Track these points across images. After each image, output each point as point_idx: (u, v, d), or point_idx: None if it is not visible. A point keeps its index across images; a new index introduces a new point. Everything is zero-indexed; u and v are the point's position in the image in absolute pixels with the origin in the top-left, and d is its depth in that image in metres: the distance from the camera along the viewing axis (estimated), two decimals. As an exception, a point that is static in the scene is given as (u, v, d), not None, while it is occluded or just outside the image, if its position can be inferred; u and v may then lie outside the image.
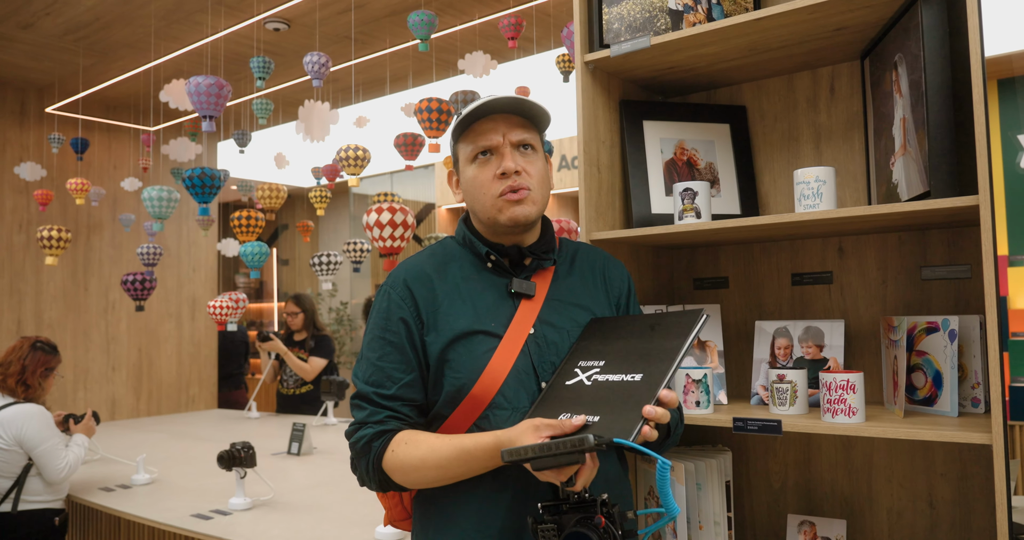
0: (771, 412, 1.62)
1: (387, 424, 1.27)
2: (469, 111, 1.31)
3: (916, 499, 1.71)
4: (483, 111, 1.31)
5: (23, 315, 5.52)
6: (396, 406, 1.28)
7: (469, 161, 1.34)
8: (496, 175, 1.30)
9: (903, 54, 1.51)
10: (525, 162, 1.32)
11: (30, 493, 2.88)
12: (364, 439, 1.27)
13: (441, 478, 1.22)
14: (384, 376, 1.29)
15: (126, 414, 6.01)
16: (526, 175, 1.31)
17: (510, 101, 1.30)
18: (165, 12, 4.26)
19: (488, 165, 1.32)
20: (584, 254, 1.47)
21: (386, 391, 1.28)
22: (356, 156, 4.06)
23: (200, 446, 4.05)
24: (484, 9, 4.30)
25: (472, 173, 1.33)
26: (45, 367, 3.02)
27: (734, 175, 1.95)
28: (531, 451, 1.03)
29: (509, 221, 1.31)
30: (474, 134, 1.32)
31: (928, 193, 1.40)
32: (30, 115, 5.66)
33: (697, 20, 1.80)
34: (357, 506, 2.69)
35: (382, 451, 1.25)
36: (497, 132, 1.31)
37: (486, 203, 1.32)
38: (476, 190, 1.33)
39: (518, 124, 1.32)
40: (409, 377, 1.29)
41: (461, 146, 1.36)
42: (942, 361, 1.55)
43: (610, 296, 1.44)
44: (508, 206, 1.30)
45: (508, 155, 1.30)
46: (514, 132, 1.31)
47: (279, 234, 10.65)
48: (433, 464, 1.20)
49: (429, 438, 1.23)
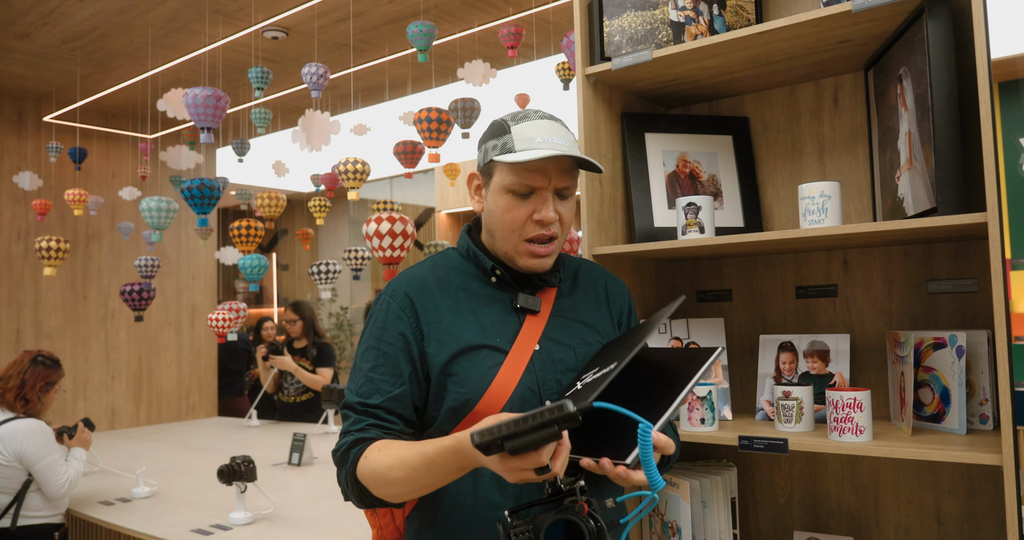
0: (777, 429, 1.60)
1: (368, 432, 1.23)
2: (527, 149, 1.23)
3: (923, 515, 1.69)
4: (543, 157, 1.22)
5: (22, 325, 5.50)
6: (381, 414, 1.24)
7: (505, 190, 1.27)
8: (532, 218, 1.26)
9: (908, 67, 1.50)
10: (562, 208, 1.28)
11: (30, 508, 2.86)
12: (344, 447, 1.24)
13: (411, 488, 1.16)
14: (373, 388, 1.26)
15: (126, 423, 5.99)
16: (559, 223, 1.28)
17: (573, 159, 1.25)
18: (163, 21, 4.24)
19: (525, 204, 1.26)
20: (586, 271, 1.46)
21: (372, 401, 1.25)
22: (356, 169, 4.04)
23: (200, 457, 4.03)
24: (483, 17, 4.29)
25: (505, 204, 1.27)
26: (45, 382, 3.00)
27: (737, 187, 1.93)
28: (504, 428, 0.92)
29: (526, 269, 1.30)
30: (520, 167, 1.25)
31: (935, 209, 1.38)
32: (28, 124, 5.65)
33: (699, 32, 1.79)
34: (359, 520, 2.67)
35: (357, 458, 1.20)
36: (545, 175, 1.25)
37: (509, 240, 1.29)
38: (505, 224, 1.28)
39: (567, 169, 1.27)
40: (398, 390, 1.26)
41: (501, 168, 1.27)
42: (950, 377, 1.53)
43: (612, 313, 1.43)
44: (531, 257, 1.28)
45: (549, 202, 1.26)
46: (561, 178, 1.26)
47: (278, 239, 10.64)
48: (400, 472, 1.14)
49: (400, 446, 1.17)
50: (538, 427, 0.90)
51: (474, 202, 1.37)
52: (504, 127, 1.27)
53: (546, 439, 0.92)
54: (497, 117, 1.34)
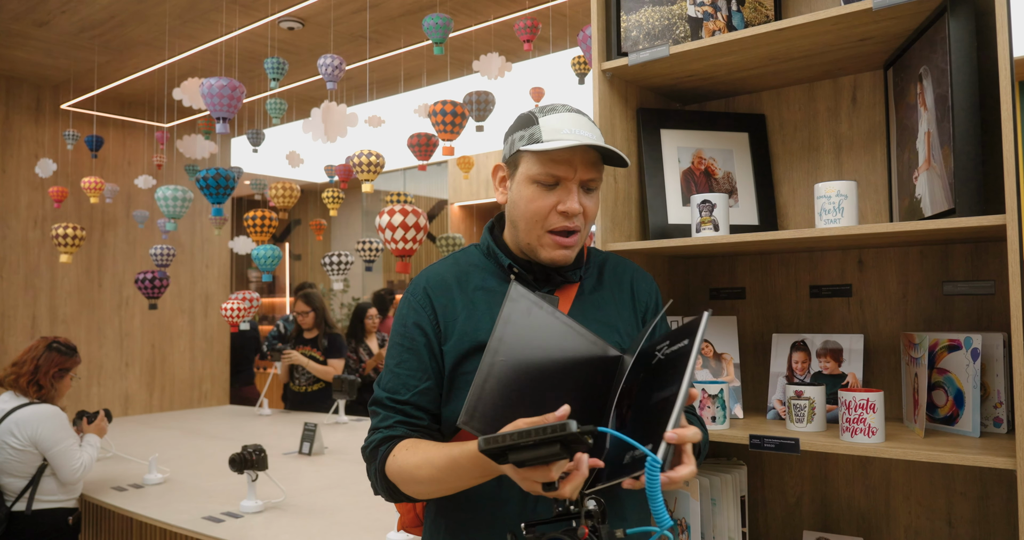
0: (788, 429, 1.60)
1: (396, 430, 1.25)
2: (554, 139, 1.23)
3: (935, 518, 1.69)
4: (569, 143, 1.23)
5: (38, 311, 5.55)
6: (408, 410, 1.26)
7: (530, 180, 1.27)
8: (555, 210, 1.26)
9: (928, 67, 1.48)
10: (586, 201, 1.28)
11: (44, 493, 2.89)
12: (373, 444, 1.26)
13: (437, 488, 1.19)
14: (400, 383, 1.28)
15: (139, 410, 6.04)
16: (583, 217, 1.28)
17: (598, 148, 1.25)
18: (180, 11, 4.26)
19: (550, 195, 1.26)
20: (612, 266, 1.43)
21: (400, 397, 1.27)
22: (371, 161, 4.04)
23: (212, 444, 4.07)
24: (500, 9, 4.28)
25: (530, 194, 1.27)
26: (59, 368, 3.03)
27: (752, 185, 1.92)
28: (509, 438, 0.91)
29: (549, 261, 1.29)
30: (547, 157, 1.25)
31: (953, 210, 1.37)
32: (45, 112, 5.68)
33: (717, 28, 1.78)
34: (369, 510, 2.68)
35: (386, 456, 1.23)
36: (571, 166, 1.25)
37: (533, 231, 1.28)
38: (529, 214, 1.28)
39: (593, 162, 1.27)
40: (425, 384, 1.27)
41: (527, 157, 1.28)
42: (964, 380, 1.52)
43: (636, 310, 1.40)
44: (554, 248, 1.28)
45: (574, 193, 1.26)
46: (587, 170, 1.26)
47: (291, 229, 10.67)
48: (427, 472, 1.17)
49: (428, 446, 1.20)
50: (540, 443, 0.89)
51: (498, 194, 1.37)
52: (532, 118, 1.28)
53: (551, 457, 0.90)
54: (524, 110, 1.34)
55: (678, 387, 1.04)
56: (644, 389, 1.13)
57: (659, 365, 1.14)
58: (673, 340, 1.14)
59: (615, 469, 1.06)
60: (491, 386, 1.08)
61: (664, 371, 1.10)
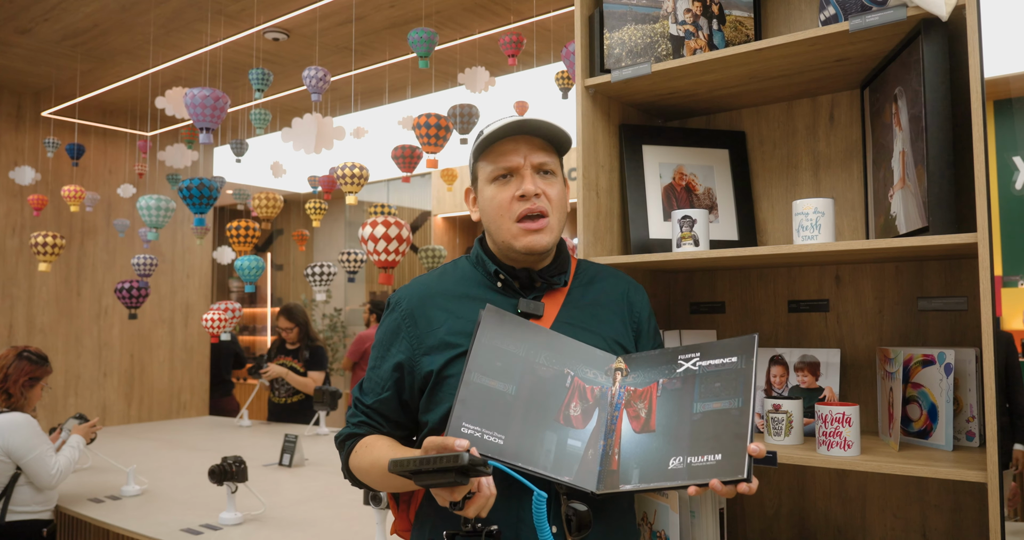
0: (766, 442, 1.62)
1: (360, 428, 1.36)
2: (492, 131, 1.31)
3: (909, 530, 1.71)
4: (506, 131, 1.31)
5: (15, 320, 5.49)
6: (371, 414, 1.36)
7: (488, 181, 1.34)
8: (515, 197, 1.31)
9: (903, 88, 1.52)
10: (545, 185, 1.32)
11: (18, 503, 2.85)
12: (341, 437, 1.39)
13: (387, 487, 1.31)
14: (369, 387, 1.37)
15: (117, 420, 5.97)
16: (545, 199, 1.31)
17: (535, 124, 1.31)
18: (164, 20, 4.25)
19: (507, 186, 1.32)
20: (605, 279, 1.46)
21: (365, 401, 1.36)
22: (355, 174, 4.05)
23: (191, 456, 4.03)
24: (485, 23, 4.31)
25: (491, 193, 1.33)
26: (29, 377, 2.99)
27: (732, 201, 1.95)
28: (412, 464, 0.99)
29: (524, 250, 1.32)
30: (495, 154, 1.32)
31: (927, 228, 1.40)
32: (26, 119, 5.65)
33: (698, 46, 1.81)
34: (349, 522, 2.67)
35: (350, 452, 1.36)
36: (519, 154, 1.31)
37: (503, 226, 1.32)
38: (494, 211, 1.33)
39: (540, 147, 1.33)
40: (385, 395, 1.34)
41: (481, 165, 1.36)
42: (938, 394, 1.55)
43: (629, 322, 1.42)
44: (525, 235, 1.31)
45: (528, 177, 1.30)
46: (536, 154, 1.32)
47: (274, 239, 10.62)
48: (376, 474, 1.28)
49: (381, 448, 1.29)
50: (436, 471, 0.97)
51: (473, 214, 1.42)
52: (480, 132, 1.36)
53: (450, 483, 0.98)
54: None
55: (740, 401, 1.12)
56: (672, 397, 1.20)
57: (694, 376, 1.20)
58: (708, 354, 1.21)
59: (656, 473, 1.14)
60: (467, 403, 1.18)
61: (707, 383, 1.18)
